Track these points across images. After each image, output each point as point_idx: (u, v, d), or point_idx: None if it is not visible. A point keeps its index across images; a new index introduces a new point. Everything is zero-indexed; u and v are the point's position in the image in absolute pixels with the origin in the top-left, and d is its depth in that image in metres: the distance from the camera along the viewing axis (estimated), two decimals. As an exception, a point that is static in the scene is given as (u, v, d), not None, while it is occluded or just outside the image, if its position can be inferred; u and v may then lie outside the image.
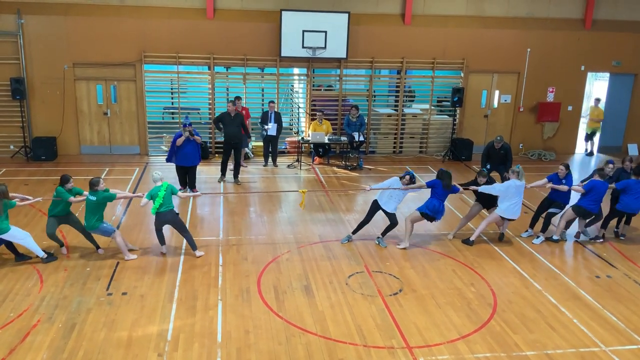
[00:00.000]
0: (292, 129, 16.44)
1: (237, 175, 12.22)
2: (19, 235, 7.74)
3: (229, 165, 12.34)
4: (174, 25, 13.81)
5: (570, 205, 9.36)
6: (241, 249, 8.70)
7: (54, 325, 6.34)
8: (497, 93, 15.72)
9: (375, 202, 8.96)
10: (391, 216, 8.83)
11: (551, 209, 9.43)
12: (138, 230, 9.31)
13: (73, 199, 7.99)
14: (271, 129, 13.39)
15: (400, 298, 7.26)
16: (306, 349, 6.04)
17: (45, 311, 6.63)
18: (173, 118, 15.50)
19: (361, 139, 13.87)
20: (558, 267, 8.39)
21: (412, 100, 16.56)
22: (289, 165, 13.91)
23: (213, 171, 13.07)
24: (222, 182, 12.17)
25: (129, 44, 13.72)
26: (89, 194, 7.92)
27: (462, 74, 15.29)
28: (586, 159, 15.90)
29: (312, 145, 14.30)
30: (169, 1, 13.92)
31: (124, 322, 6.44)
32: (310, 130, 14.28)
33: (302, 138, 14.50)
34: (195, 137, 10.86)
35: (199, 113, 16.17)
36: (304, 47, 13.88)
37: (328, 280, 7.67)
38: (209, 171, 13.07)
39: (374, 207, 8.93)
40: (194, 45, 13.98)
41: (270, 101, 13.67)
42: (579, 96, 16.10)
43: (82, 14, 13.48)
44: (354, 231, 9.08)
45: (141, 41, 13.76)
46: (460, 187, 9.04)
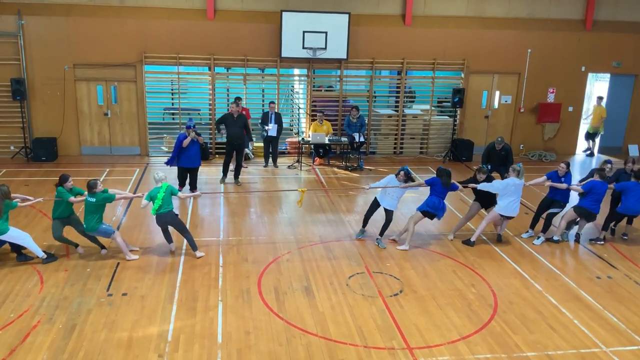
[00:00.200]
0: (293, 130, 16.44)
1: (238, 176, 12.22)
2: (18, 235, 7.73)
3: (230, 166, 12.35)
4: (174, 26, 13.82)
5: (571, 206, 9.35)
6: (241, 249, 8.70)
7: (54, 326, 6.34)
8: (498, 94, 15.72)
9: (375, 200, 9.13)
10: (389, 213, 8.98)
11: (551, 210, 9.40)
12: (138, 230, 9.31)
13: (73, 199, 7.97)
14: (272, 129, 13.39)
15: (401, 299, 7.25)
16: (307, 350, 6.04)
17: (46, 312, 6.63)
18: (173, 119, 15.51)
19: (361, 139, 13.86)
20: (558, 268, 8.38)
21: (413, 101, 16.55)
22: (289, 166, 13.91)
23: (214, 172, 13.07)
24: (223, 183, 12.18)
25: (130, 44, 13.73)
26: (87, 195, 7.92)
27: (463, 75, 15.29)
28: (587, 159, 15.88)
29: (313, 146, 14.30)
30: (169, 2, 13.93)
31: (124, 323, 6.44)
32: (310, 131, 14.28)
33: (303, 139, 14.49)
34: (199, 138, 11.00)
35: (199, 114, 16.18)
36: (304, 48, 13.89)
37: (328, 281, 7.67)
38: (209, 172, 13.07)
39: (375, 204, 9.12)
40: (194, 46, 13.99)
41: (270, 102, 13.68)
42: (580, 97, 16.09)
43: (83, 14, 13.49)
44: (363, 225, 9.27)
45: (141, 42, 13.77)
46: (460, 185, 9.06)
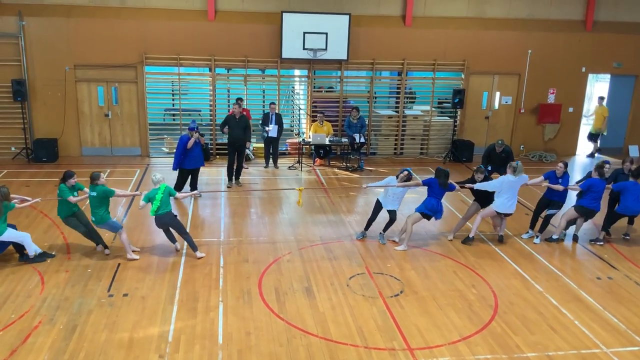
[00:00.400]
0: (293, 131, 16.44)
1: (239, 177, 12.22)
2: (17, 236, 7.74)
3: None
4: (175, 27, 13.83)
5: (571, 205, 9.35)
6: (242, 250, 8.70)
7: (55, 326, 6.34)
8: (498, 94, 15.71)
9: (377, 202, 9.19)
10: (391, 212, 9.09)
11: (549, 210, 9.41)
12: (139, 231, 9.31)
13: (72, 199, 7.97)
14: (272, 130, 13.40)
15: (401, 299, 7.25)
16: (307, 351, 6.04)
17: (47, 312, 6.63)
18: (174, 120, 15.50)
19: (362, 140, 13.86)
20: (559, 269, 8.38)
21: (413, 102, 16.55)
22: (290, 167, 13.91)
23: (214, 172, 13.09)
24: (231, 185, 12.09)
25: (130, 45, 13.74)
26: (89, 189, 7.95)
27: (463, 76, 15.29)
28: (588, 160, 15.84)
29: (313, 147, 14.31)
30: (170, 3, 13.95)
31: (125, 324, 6.44)
32: (311, 132, 14.28)
33: (303, 139, 14.50)
34: (201, 139, 11.03)
35: (200, 115, 16.18)
36: (304, 49, 13.89)
37: (329, 282, 7.68)
38: (210, 173, 13.07)
39: (378, 206, 9.17)
40: (195, 46, 14.00)
41: (271, 103, 13.68)
42: (580, 98, 16.08)
43: (83, 15, 13.50)
44: (366, 228, 9.32)
45: (142, 43, 13.78)
46: (457, 185, 9.07)
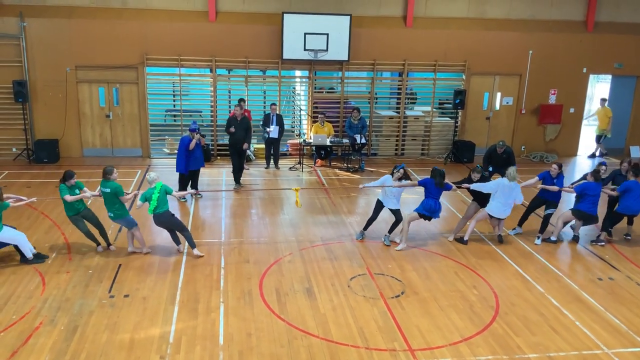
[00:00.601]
0: (294, 132, 16.44)
1: (240, 178, 12.21)
2: (12, 236, 7.74)
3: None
4: (176, 28, 13.84)
5: (568, 208, 9.37)
6: (243, 251, 8.70)
7: (56, 327, 6.34)
8: (499, 95, 15.70)
9: (378, 201, 9.16)
10: (395, 212, 9.05)
11: (547, 211, 9.44)
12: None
13: (68, 197, 7.98)
14: (273, 131, 13.40)
15: (402, 300, 7.25)
16: (308, 352, 6.03)
17: (48, 313, 6.63)
18: (175, 120, 15.50)
19: (363, 141, 13.86)
20: (560, 270, 8.37)
21: (414, 103, 16.55)
22: (290, 168, 13.92)
23: (215, 173, 13.11)
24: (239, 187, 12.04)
25: (131, 46, 13.75)
26: (101, 185, 8.13)
27: (464, 76, 15.28)
28: (589, 161, 15.82)
29: (314, 148, 14.31)
30: (170, 4, 13.96)
31: (126, 325, 6.44)
32: (312, 133, 14.28)
33: (304, 140, 14.50)
34: (202, 140, 11.02)
35: (200, 115, 16.19)
36: (305, 50, 13.90)
37: (330, 283, 7.67)
38: (210, 173, 13.08)
39: (379, 206, 9.13)
40: (196, 47, 14.01)
41: (272, 103, 13.68)
42: (581, 98, 16.07)
43: (85, 16, 13.52)
44: (365, 227, 9.30)
45: (143, 44, 13.79)
46: (453, 185, 9.07)
